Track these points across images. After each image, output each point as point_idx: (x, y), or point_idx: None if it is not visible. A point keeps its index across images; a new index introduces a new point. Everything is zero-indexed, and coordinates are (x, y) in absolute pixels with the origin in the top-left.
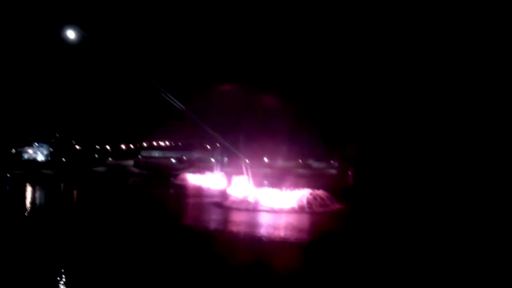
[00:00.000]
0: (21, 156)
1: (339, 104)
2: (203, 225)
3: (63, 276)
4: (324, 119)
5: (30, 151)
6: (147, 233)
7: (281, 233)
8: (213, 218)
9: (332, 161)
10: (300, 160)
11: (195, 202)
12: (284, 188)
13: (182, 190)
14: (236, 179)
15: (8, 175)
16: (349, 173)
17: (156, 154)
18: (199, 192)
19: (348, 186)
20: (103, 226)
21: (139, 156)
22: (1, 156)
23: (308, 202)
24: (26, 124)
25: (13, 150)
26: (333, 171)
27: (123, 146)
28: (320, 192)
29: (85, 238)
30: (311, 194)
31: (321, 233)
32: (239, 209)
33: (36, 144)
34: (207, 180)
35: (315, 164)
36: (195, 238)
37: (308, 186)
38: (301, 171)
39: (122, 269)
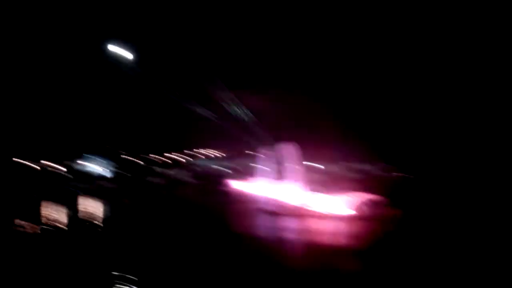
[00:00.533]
0: (82, 169)
1: (390, 106)
2: (259, 233)
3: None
4: (374, 121)
5: (89, 164)
6: (207, 241)
7: (338, 239)
8: (270, 226)
9: (383, 164)
10: (351, 164)
11: (248, 209)
12: (336, 193)
13: (233, 197)
14: (287, 185)
15: (72, 188)
16: (401, 175)
17: (207, 163)
18: (251, 199)
19: (400, 190)
20: (169, 235)
21: (191, 166)
22: (68, 169)
23: (362, 207)
24: (84, 137)
25: (72, 163)
26: (384, 174)
27: (175, 156)
28: (373, 196)
29: (149, 246)
30: (364, 198)
31: (380, 240)
32: (292, 216)
33: (94, 157)
34: (259, 187)
35: (366, 167)
36: (250, 244)
37: (361, 191)
38: (352, 175)
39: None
